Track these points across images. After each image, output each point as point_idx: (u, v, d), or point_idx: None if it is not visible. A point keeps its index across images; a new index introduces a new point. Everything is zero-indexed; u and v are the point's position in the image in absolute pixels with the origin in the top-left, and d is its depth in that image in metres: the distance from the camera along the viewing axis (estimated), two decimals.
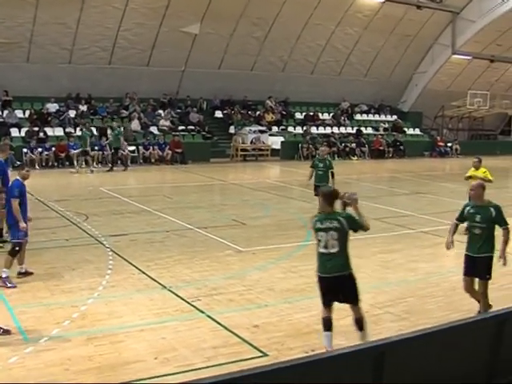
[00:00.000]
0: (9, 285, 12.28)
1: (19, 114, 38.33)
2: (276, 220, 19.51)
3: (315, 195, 19.29)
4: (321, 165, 19.67)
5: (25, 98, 39.09)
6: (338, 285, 9.41)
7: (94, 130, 37.56)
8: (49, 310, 11.19)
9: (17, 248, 12.67)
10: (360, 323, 9.57)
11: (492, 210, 10.57)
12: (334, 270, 9.35)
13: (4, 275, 12.38)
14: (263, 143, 42.43)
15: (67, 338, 9.94)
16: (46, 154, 35.23)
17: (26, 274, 13.12)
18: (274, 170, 38.87)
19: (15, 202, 12.72)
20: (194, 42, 42.08)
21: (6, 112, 37.47)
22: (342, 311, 11.18)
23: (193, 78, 43.32)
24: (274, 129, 45.17)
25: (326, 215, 9.40)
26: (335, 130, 47.45)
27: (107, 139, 36.04)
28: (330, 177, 19.42)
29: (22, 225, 12.64)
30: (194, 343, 9.81)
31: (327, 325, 9.42)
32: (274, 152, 42.16)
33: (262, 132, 42.99)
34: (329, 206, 9.41)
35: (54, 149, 35.32)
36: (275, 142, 42.84)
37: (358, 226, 9.46)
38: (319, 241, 9.42)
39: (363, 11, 45.90)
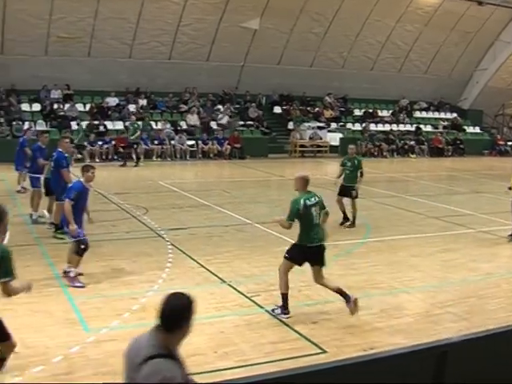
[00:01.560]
0: (77, 284, 12.11)
1: (80, 107, 38.84)
2: (335, 217, 19.32)
3: (338, 195, 18.94)
4: (349, 164, 19.02)
5: (85, 92, 39.60)
6: None
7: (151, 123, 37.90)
8: (109, 302, 11.30)
9: (82, 246, 12.32)
10: None
11: None
12: None
13: (71, 275, 12.21)
14: (321, 139, 42.25)
15: (127, 329, 9.99)
16: (106, 148, 35.64)
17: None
18: (332, 167, 38.53)
19: (68, 204, 12.25)
20: (254, 37, 42.13)
21: (67, 105, 37.95)
22: (399, 310, 11.10)
23: (252, 74, 43.35)
24: (333, 125, 44.96)
25: None
26: (394, 127, 46.99)
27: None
28: (359, 176, 18.88)
29: (72, 227, 12.19)
30: (252, 338, 9.81)
31: None
32: (333, 149, 41.89)
33: (320, 128, 42.88)
34: None
35: (113, 142, 35.66)
36: (334, 138, 42.60)
37: None
38: None
39: (423, 7, 45.44)
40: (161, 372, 4.62)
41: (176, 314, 4.86)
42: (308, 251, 11.06)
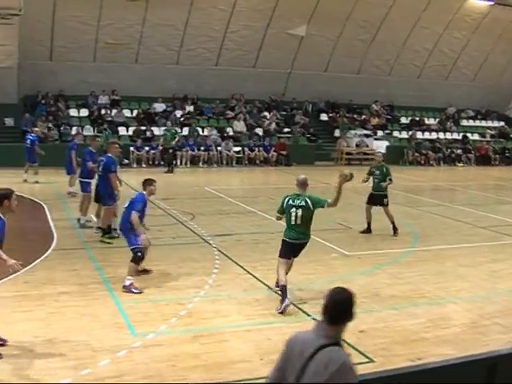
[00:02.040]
0: (134, 291, 12.15)
1: (127, 113, 39.29)
2: (381, 225, 19.21)
3: (367, 203, 18.82)
4: (377, 172, 19.00)
5: (132, 98, 40.00)
6: None
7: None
8: (156, 307, 11.36)
9: (139, 254, 12.49)
10: None
11: None
12: None
13: (127, 283, 12.22)
14: (368, 147, 42.06)
15: (174, 334, 10.06)
16: (153, 153, 35.84)
17: (145, 271, 13.20)
18: None
19: (136, 216, 12.46)
20: (301, 43, 42.15)
21: (114, 111, 38.38)
22: (446, 320, 10.98)
23: (299, 80, 43.45)
24: (379, 133, 44.76)
25: None
26: (441, 135, 46.57)
27: None
28: (388, 180, 18.87)
29: (142, 237, 12.47)
30: None
31: None
32: None
33: (366, 136, 42.72)
34: None
35: (160, 148, 35.83)
36: (380, 146, 42.22)
37: None
38: None
39: (471, 14, 44.93)
40: (340, 358, 4.88)
41: (340, 307, 5.09)
42: (289, 245, 12.15)
